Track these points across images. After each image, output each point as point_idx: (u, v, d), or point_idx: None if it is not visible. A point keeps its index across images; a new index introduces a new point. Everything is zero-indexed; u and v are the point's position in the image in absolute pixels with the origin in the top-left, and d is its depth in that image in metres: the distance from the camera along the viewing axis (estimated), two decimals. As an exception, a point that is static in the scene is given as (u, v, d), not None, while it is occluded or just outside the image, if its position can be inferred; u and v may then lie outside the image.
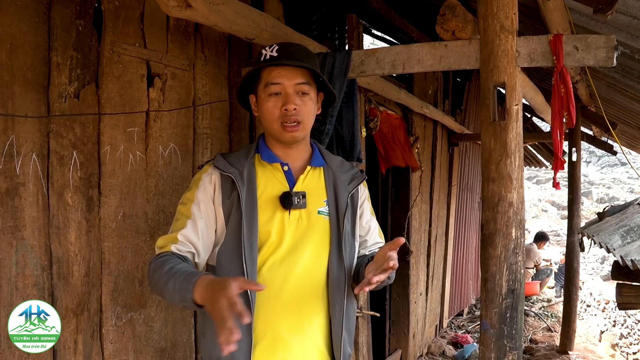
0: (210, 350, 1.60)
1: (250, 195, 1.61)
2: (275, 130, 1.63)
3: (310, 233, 1.65)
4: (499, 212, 2.06)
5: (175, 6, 1.78)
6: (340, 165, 1.79)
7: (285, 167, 1.69)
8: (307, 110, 1.64)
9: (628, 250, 2.86)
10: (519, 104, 2.07)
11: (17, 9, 1.71)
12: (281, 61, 1.59)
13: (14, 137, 1.71)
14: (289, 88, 1.61)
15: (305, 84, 1.63)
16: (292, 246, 1.62)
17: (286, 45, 1.67)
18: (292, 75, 1.61)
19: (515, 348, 2.06)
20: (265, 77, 1.63)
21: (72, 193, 1.89)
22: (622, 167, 24.66)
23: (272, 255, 1.61)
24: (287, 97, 1.60)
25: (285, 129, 1.61)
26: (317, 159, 1.75)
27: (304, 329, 1.62)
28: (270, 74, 1.61)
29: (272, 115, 1.62)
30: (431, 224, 5.59)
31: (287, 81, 1.61)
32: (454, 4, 2.17)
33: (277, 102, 1.61)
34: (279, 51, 1.62)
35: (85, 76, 1.94)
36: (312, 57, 1.70)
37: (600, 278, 10.29)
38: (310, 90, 1.65)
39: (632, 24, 2.65)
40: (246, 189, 1.61)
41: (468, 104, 6.58)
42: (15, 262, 1.72)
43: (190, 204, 1.62)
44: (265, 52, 1.64)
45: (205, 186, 1.64)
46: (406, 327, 5.07)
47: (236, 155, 1.71)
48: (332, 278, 1.65)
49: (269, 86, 1.61)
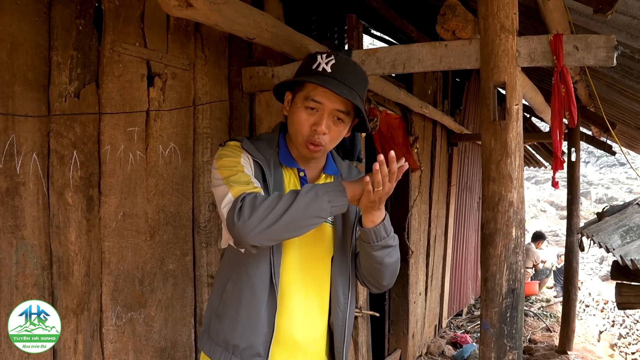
0: (228, 336, 1.57)
1: (279, 190, 1.58)
2: (299, 143, 1.59)
3: (316, 238, 1.64)
4: (499, 211, 2.06)
5: (176, 5, 1.78)
6: (348, 171, 1.78)
7: (301, 172, 1.66)
8: (334, 137, 1.60)
9: (627, 250, 2.86)
10: (519, 104, 2.07)
11: (17, 8, 1.71)
12: (331, 84, 1.52)
13: (14, 137, 1.71)
14: (327, 109, 1.55)
15: (344, 113, 1.58)
16: (299, 250, 1.63)
17: (343, 63, 1.59)
18: (336, 99, 1.55)
19: (515, 347, 2.06)
20: (309, 89, 1.57)
21: (72, 192, 1.89)
22: (620, 167, 24.68)
23: (286, 258, 1.60)
24: (321, 118, 1.55)
25: (308, 147, 1.57)
26: (330, 166, 1.73)
27: (308, 332, 1.63)
28: (316, 89, 1.55)
29: (301, 128, 1.57)
30: (430, 224, 5.60)
31: (328, 102, 1.55)
32: (455, 4, 2.17)
33: (309, 117, 1.56)
34: (333, 67, 1.56)
35: (86, 75, 1.94)
36: (363, 84, 1.64)
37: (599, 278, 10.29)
38: (346, 119, 1.60)
39: (631, 24, 2.65)
40: (274, 181, 1.58)
41: (467, 104, 6.58)
42: (16, 261, 1.72)
43: (240, 165, 1.55)
44: (320, 61, 1.57)
45: (245, 157, 1.58)
46: (405, 327, 5.07)
47: (260, 142, 1.66)
48: (335, 284, 1.66)
49: (309, 101, 1.55)
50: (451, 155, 6.20)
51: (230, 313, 1.58)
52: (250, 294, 1.55)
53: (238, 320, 1.56)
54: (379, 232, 1.52)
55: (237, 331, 1.56)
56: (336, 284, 1.66)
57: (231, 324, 1.58)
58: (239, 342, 1.56)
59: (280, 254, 1.57)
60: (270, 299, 1.55)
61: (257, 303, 1.55)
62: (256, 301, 1.55)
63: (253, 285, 1.55)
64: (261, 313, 1.55)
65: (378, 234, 1.52)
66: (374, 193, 1.41)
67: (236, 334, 1.56)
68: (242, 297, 1.56)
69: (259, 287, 1.55)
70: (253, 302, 1.55)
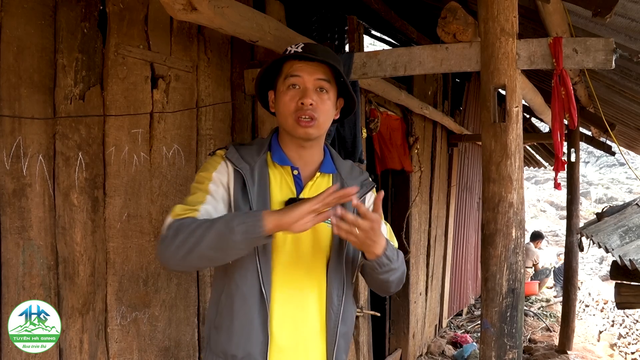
0: (226, 346, 1.58)
1: (263, 197, 1.58)
2: (290, 124, 1.59)
3: (311, 239, 1.63)
4: (499, 212, 2.08)
5: (180, 9, 1.80)
6: (350, 171, 1.75)
7: (295, 171, 1.65)
8: (324, 109, 1.61)
9: (626, 250, 2.88)
10: (519, 106, 2.09)
11: (24, 11, 1.74)
12: (304, 54, 1.57)
13: (21, 139, 1.73)
14: (308, 82, 1.58)
15: (325, 81, 1.60)
16: (294, 252, 1.61)
17: (313, 44, 1.66)
18: (313, 70, 1.58)
19: (515, 346, 2.08)
20: (287, 70, 1.60)
21: (77, 194, 1.91)
22: (620, 167, 24.71)
23: (278, 259, 1.60)
24: (305, 92, 1.57)
25: (300, 123, 1.56)
26: (327, 164, 1.71)
27: (305, 334, 1.62)
28: (292, 66, 1.59)
29: (287, 109, 1.58)
30: (431, 224, 5.62)
31: (307, 75, 1.58)
32: (455, 7, 2.19)
33: (294, 95, 1.58)
34: (304, 48, 1.60)
35: (91, 78, 1.96)
36: (337, 59, 1.67)
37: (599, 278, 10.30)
38: (330, 89, 1.62)
39: (630, 27, 2.67)
40: (257, 188, 1.58)
41: (467, 105, 6.60)
42: (23, 262, 1.74)
43: (208, 182, 1.58)
44: (291, 48, 1.62)
45: (221, 170, 1.61)
46: (406, 326, 5.09)
47: (249, 149, 1.66)
48: (330, 285, 1.64)
49: (289, 78, 1.59)
50: (451, 155, 6.22)
51: (225, 324, 1.59)
52: (241, 303, 1.56)
53: (233, 330, 1.57)
54: (381, 262, 1.53)
55: (234, 341, 1.57)
56: (331, 285, 1.63)
57: (227, 334, 1.58)
58: (236, 352, 1.56)
59: (268, 259, 1.56)
60: (261, 306, 1.55)
61: (249, 312, 1.55)
62: (247, 310, 1.55)
63: (243, 294, 1.56)
64: (254, 321, 1.55)
65: (381, 264, 1.53)
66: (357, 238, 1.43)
67: (232, 344, 1.57)
68: (234, 307, 1.57)
69: (249, 295, 1.55)
70: (245, 311, 1.56)
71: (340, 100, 1.73)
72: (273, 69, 1.66)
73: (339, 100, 1.71)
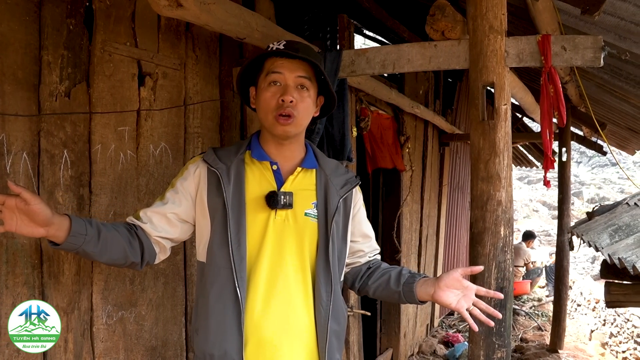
0: (203, 346, 1.61)
1: (238, 194, 1.61)
2: (269, 122, 1.62)
3: (296, 235, 1.64)
4: (487, 210, 2.08)
5: (166, 5, 1.78)
6: (335, 169, 1.77)
7: (274, 166, 1.67)
8: (304, 106, 1.63)
9: (616, 249, 2.89)
10: (507, 104, 2.09)
11: (7, 7, 1.71)
12: (286, 51, 1.60)
13: (5, 136, 1.71)
14: (289, 80, 1.61)
15: (306, 79, 1.63)
16: (278, 247, 1.62)
17: (294, 42, 1.68)
18: (294, 67, 1.61)
19: (504, 345, 2.08)
20: (268, 66, 1.63)
21: (62, 192, 1.89)
22: (612, 167, 24.85)
23: (258, 256, 1.61)
24: (285, 89, 1.60)
25: (279, 120, 1.59)
26: (309, 160, 1.73)
27: (291, 330, 1.61)
28: (274, 63, 1.62)
29: (268, 105, 1.61)
30: (422, 223, 5.62)
31: (288, 72, 1.61)
32: (444, 4, 2.19)
33: (275, 92, 1.61)
34: (285, 45, 1.63)
35: (76, 75, 1.94)
36: (318, 56, 1.71)
37: (591, 277, 10.34)
38: (310, 87, 1.65)
39: (620, 25, 2.68)
40: (232, 187, 1.61)
41: (459, 104, 6.61)
42: (6, 260, 1.72)
43: (170, 188, 1.70)
44: (273, 45, 1.65)
45: (188, 177, 1.69)
46: (397, 326, 5.09)
47: (227, 150, 1.71)
48: (318, 281, 1.64)
49: (270, 74, 1.62)
50: (443, 155, 6.23)
51: (203, 324, 1.62)
52: (215, 302, 1.59)
53: (209, 329, 1.59)
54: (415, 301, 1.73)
55: (210, 340, 1.58)
56: (319, 281, 1.64)
57: (204, 334, 1.60)
58: (213, 350, 1.58)
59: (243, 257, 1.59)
60: (235, 304, 1.56)
61: (223, 310, 1.57)
62: (222, 309, 1.58)
63: (217, 293, 1.59)
64: (228, 320, 1.57)
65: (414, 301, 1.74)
66: None
67: (209, 343, 1.59)
68: (209, 306, 1.59)
69: (223, 294, 1.58)
70: (219, 309, 1.58)
71: (321, 98, 1.76)
72: (255, 65, 1.69)
73: (319, 97, 1.74)
